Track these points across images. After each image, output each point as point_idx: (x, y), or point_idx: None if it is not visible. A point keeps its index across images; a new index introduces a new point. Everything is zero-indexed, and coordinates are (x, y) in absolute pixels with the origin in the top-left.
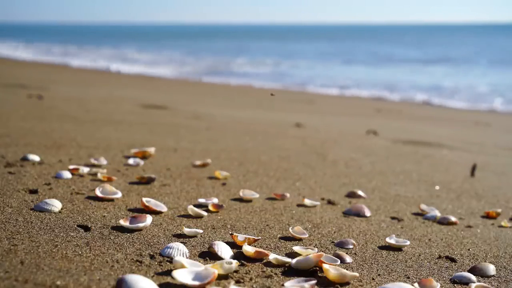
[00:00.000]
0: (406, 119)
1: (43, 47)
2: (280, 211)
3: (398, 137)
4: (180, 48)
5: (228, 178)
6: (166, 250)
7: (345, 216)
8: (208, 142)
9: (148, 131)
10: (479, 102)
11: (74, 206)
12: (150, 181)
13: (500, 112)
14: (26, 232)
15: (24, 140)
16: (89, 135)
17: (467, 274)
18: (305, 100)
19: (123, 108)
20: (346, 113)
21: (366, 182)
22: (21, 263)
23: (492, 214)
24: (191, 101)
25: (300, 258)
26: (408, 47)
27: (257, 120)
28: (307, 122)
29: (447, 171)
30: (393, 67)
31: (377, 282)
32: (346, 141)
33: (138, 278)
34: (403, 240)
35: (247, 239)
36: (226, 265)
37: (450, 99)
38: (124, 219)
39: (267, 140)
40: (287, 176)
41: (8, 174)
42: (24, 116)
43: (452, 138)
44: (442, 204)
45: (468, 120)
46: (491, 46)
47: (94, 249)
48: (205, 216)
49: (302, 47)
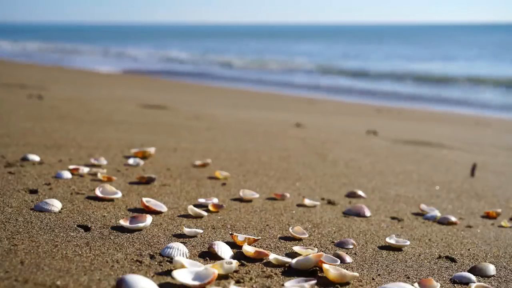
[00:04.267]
0: (406, 119)
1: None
2: (280, 211)
3: (398, 137)
4: (179, 48)
5: (228, 178)
6: (166, 250)
7: (345, 216)
8: (208, 142)
9: (148, 131)
10: (479, 101)
11: (74, 206)
12: (150, 181)
13: (500, 112)
14: (26, 232)
15: (24, 140)
16: (89, 135)
17: (467, 274)
18: (305, 100)
19: (123, 108)
20: (346, 113)
21: (366, 182)
22: (21, 263)
23: (492, 214)
24: (191, 101)
25: (300, 258)
26: (407, 47)
27: (257, 120)
28: (307, 122)
29: (447, 171)
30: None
31: (377, 282)
32: (346, 141)
33: (138, 278)
34: (403, 240)
35: (247, 239)
36: (226, 265)
37: (450, 98)
38: (124, 219)
39: (267, 140)
40: (287, 176)
41: (8, 174)
42: (24, 116)
43: (452, 138)
44: (442, 204)
45: (468, 120)
46: (491, 45)
47: (94, 249)
48: (205, 216)
49: (303, 47)
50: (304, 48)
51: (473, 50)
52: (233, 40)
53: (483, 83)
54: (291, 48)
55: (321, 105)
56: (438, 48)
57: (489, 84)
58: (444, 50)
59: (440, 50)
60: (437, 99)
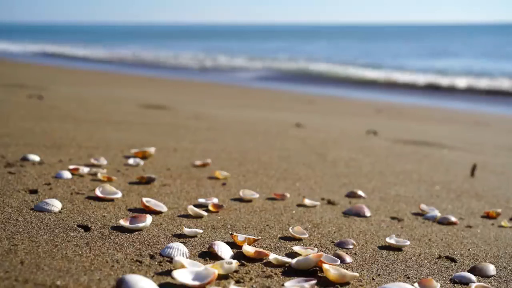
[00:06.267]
0: (406, 119)
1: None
2: (280, 211)
3: (398, 137)
4: (180, 48)
5: (228, 178)
6: (166, 250)
7: (345, 216)
8: (208, 142)
9: (148, 131)
10: (479, 101)
11: (74, 206)
12: (150, 181)
13: (500, 112)
14: (26, 232)
15: (24, 140)
16: (89, 135)
17: (467, 274)
18: (305, 100)
19: (123, 108)
20: (346, 113)
21: (366, 182)
22: (21, 263)
23: (492, 214)
24: (191, 101)
25: (300, 258)
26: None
27: (257, 120)
28: (307, 122)
29: (447, 171)
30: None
31: (377, 282)
32: (346, 141)
33: (138, 278)
34: (403, 240)
35: (247, 239)
36: (226, 265)
37: (450, 98)
38: (124, 219)
39: (267, 140)
40: (287, 176)
41: (8, 174)
42: (24, 116)
43: (452, 138)
44: (442, 204)
45: (468, 120)
46: (492, 44)
47: (94, 249)
48: (205, 216)
49: (305, 47)
50: (306, 48)
51: (473, 48)
52: (235, 40)
53: (483, 82)
54: (304, 48)
55: (321, 105)
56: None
57: (489, 83)
58: (448, 51)
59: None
60: (436, 98)
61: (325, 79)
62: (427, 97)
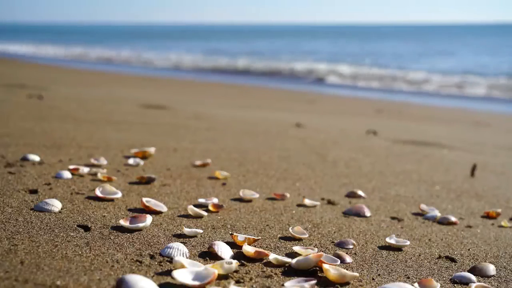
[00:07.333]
0: (406, 119)
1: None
2: (280, 211)
3: (398, 137)
4: (180, 48)
5: (228, 178)
6: (166, 250)
7: (345, 216)
8: (208, 142)
9: (148, 131)
10: (479, 101)
11: (74, 206)
12: (150, 181)
13: (500, 112)
14: (26, 232)
15: (24, 140)
16: (89, 135)
17: (467, 274)
18: (306, 100)
19: (123, 108)
20: (346, 113)
21: (366, 182)
22: (21, 263)
23: (492, 214)
24: (191, 101)
25: (300, 258)
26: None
27: (257, 120)
28: (307, 122)
29: (447, 171)
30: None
31: (377, 282)
32: (346, 141)
33: (138, 278)
34: (403, 240)
35: (247, 239)
36: (226, 265)
37: (450, 98)
38: (124, 219)
39: (267, 140)
40: (287, 176)
41: (8, 174)
42: (24, 116)
43: (452, 138)
44: (442, 204)
45: (468, 120)
46: (492, 44)
47: (94, 249)
48: (205, 216)
49: (306, 47)
50: (306, 48)
51: (472, 48)
52: (236, 40)
53: (484, 81)
54: (305, 48)
55: (321, 105)
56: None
57: (490, 82)
58: (448, 52)
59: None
60: (435, 97)
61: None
62: (427, 97)
